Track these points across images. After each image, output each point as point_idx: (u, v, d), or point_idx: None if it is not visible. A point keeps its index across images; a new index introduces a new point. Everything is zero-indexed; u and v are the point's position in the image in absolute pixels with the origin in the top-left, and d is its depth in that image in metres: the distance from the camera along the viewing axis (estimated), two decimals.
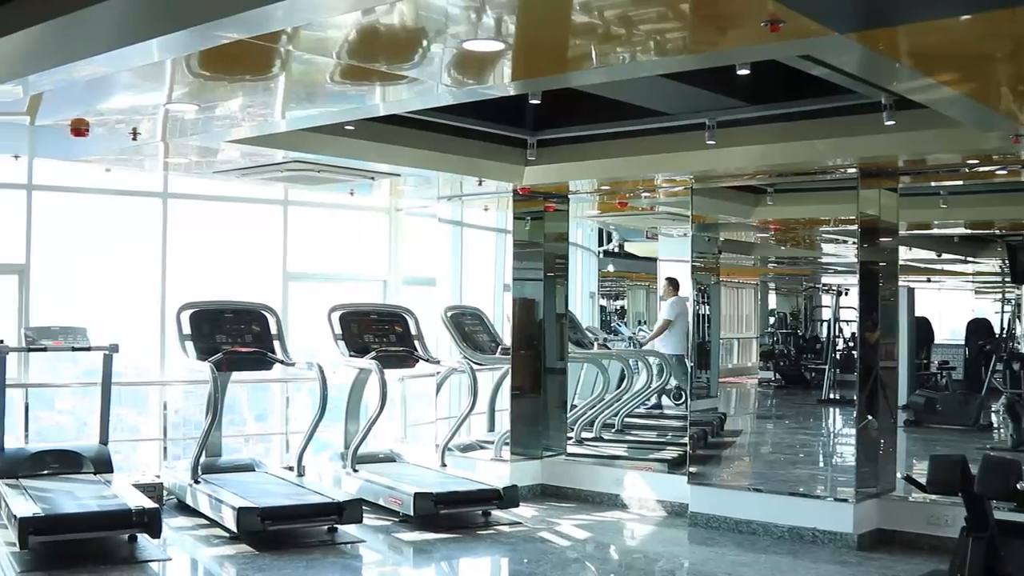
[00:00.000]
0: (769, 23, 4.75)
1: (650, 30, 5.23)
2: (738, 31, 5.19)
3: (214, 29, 5.09)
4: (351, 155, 9.15)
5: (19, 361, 10.09)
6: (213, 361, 9.25)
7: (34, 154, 9.99)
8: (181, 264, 11.24)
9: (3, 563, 7.80)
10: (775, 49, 5.62)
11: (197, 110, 7.26)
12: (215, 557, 8.26)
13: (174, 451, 10.70)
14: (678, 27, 5.25)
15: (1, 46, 6.12)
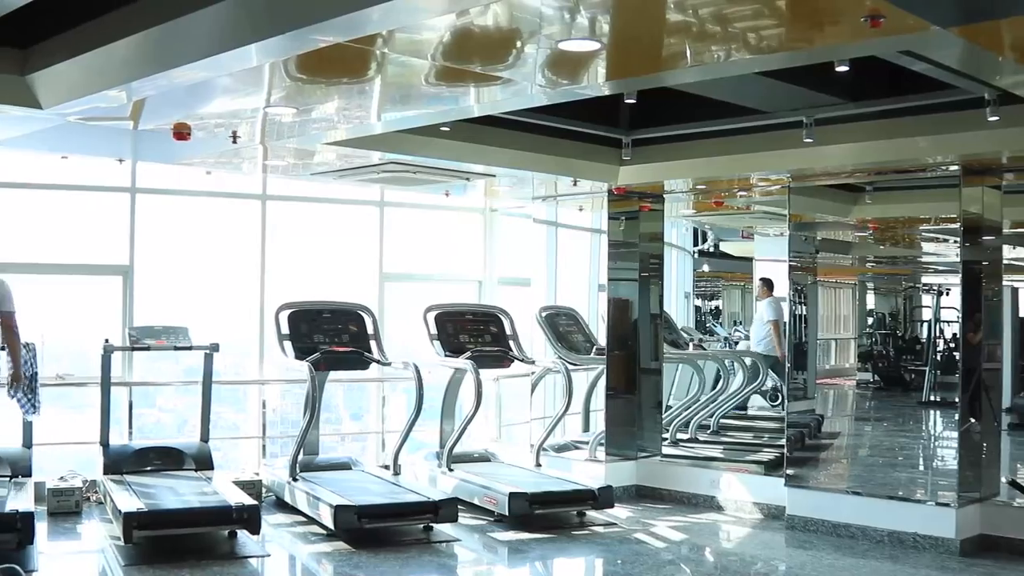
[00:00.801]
0: (869, 18, 4.66)
1: (745, 27, 5.17)
2: (837, 27, 5.10)
3: (311, 33, 5.15)
4: (446, 156, 9.19)
5: (123, 360, 10.33)
6: (311, 361, 9.37)
7: (137, 158, 10.22)
8: (279, 265, 11.39)
9: (108, 556, 8.00)
10: (875, 45, 5.52)
11: (295, 113, 7.36)
12: (313, 554, 8.37)
13: (272, 449, 10.85)
14: (774, 24, 5.17)
15: (106, 53, 6.28)
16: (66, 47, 6.61)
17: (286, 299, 9.99)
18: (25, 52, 6.94)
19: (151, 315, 10.32)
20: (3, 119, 7.89)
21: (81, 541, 8.74)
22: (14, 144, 9.12)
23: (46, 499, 9.16)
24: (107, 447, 9.48)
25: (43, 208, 10.63)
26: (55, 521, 9.00)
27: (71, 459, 10.05)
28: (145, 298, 10.69)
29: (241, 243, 11.32)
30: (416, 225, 12.59)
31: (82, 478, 9.55)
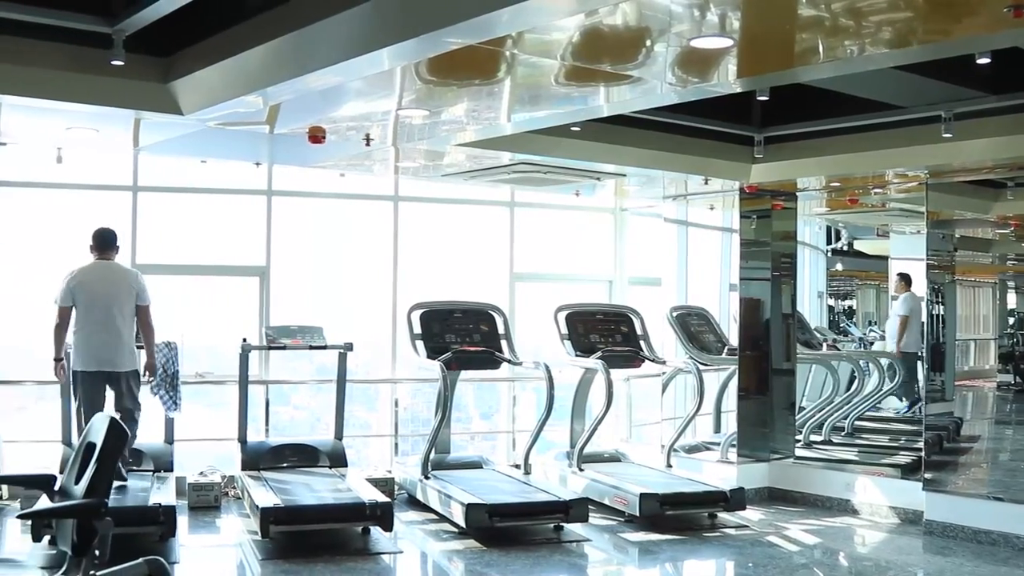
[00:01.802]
0: (1013, 8, 4.52)
1: (880, 21, 5.06)
2: (977, 18, 4.95)
3: (442, 36, 5.20)
4: (577, 156, 9.18)
5: (260, 359, 10.56)
6: (443, 360, 9.46)
7: (273, 161, 10.46)
8: (411, 265, 11.52)
9: (245, 550, 8.20)
10: (1018, 36, 5.35)
11: (426, 115, 7.43)
12: (444, 551, 8.44)
13: (403, 447, 10.98)
14: (911, 17, 5.05)
15: (243, 60, 6.44)
16: (205, 55, 6.80)
17: (418, 299, 10.10)
18: (167, 60, 7.15)
19: (287, 315, 10.54)
20: (146, 125, 8.16)
21: (220, 535, 8.97)
22: (156, 149, 9.44)
23: (187, 494, 9.43)
24: (245, 444, 9.71)
25: (184, 211, 10.94)
26: (195, 515, 9.26)
27: (210, 455, 10.32)
28: (281, 298, 10.93)
29: (374, 244, 11.48)
30: (546, 225, 12.61)
31: (221, 474, 9.81)
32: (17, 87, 6.94)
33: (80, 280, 8.46)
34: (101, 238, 8.64)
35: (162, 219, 10.66)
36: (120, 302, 8.49)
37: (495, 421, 12.66)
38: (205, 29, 6.74)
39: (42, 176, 10.23)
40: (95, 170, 10.39)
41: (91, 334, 8.40)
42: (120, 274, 8.65)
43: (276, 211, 10.96)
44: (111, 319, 8.43)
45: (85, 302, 8.42)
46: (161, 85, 7.21)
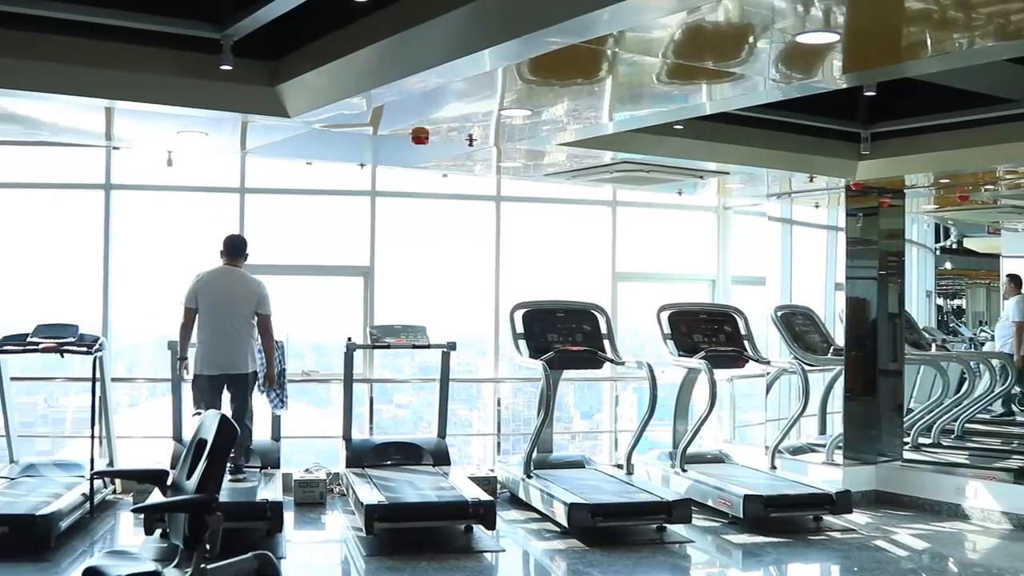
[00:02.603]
0: None
1: (991, 12, 4.94)
2: None
3: (543, 36, 5.21)
4: (680, 154, 9.12)
5: (364, 357, 10.68)
6: (545, 359, 9.48)
7: (377, 162, 10.58)
8: (514, 265, 11.55)
9: (350, 546, 8.32)
10: None
11: (528, 115, 7.46)
12: (546, 551, 8.46)
13: (504, 446, 11.02)
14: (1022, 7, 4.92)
15: (347, 63, 6.53)
16: (311, 58, 6.91)
17: (520, 299, 10.13)
18: (274, 64, 7.29)
19: (391, 314, 10.64)
20: (253, 128, 8.32)
21: (325, 531, 9.11)
22: (263, 152, 9.61)
23: (293, 490, 9.58)
24: (349, 441, 9.84)
25: (290, 212, 11.12)
26: (301, 511, 9.41)
27: (315, 452, 10.48)
28: (385, 298, 11.04)
29: (476, 244, 11.54)
30: (649, 224, 12.55)
31: (326, 471, 9.96)
32: (130, 93, 7.14)
33: (204, 283, 8.64)
34: (232, 244, 8.83)
35: (268, 220, 10.85)
36: (241, 308, 8.66)
37: (596, 420, 12.64)
38: (311, 33, 6.85)
39: (153, 179, 10.49)
40: (204, 173, 10.62)
41: (211, 338, 8.58)
42: (243, 281, 8.81)
43: (380, 212, 11.07)
44: (231, 324, 8.60)
45: (208, 306, 8.60)
46: (268, 88, 7.34)
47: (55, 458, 10.08)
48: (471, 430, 12.22)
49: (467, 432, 12.07)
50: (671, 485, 9.86)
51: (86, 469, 8.94)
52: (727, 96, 6.90)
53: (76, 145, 10.15)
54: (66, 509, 8.22)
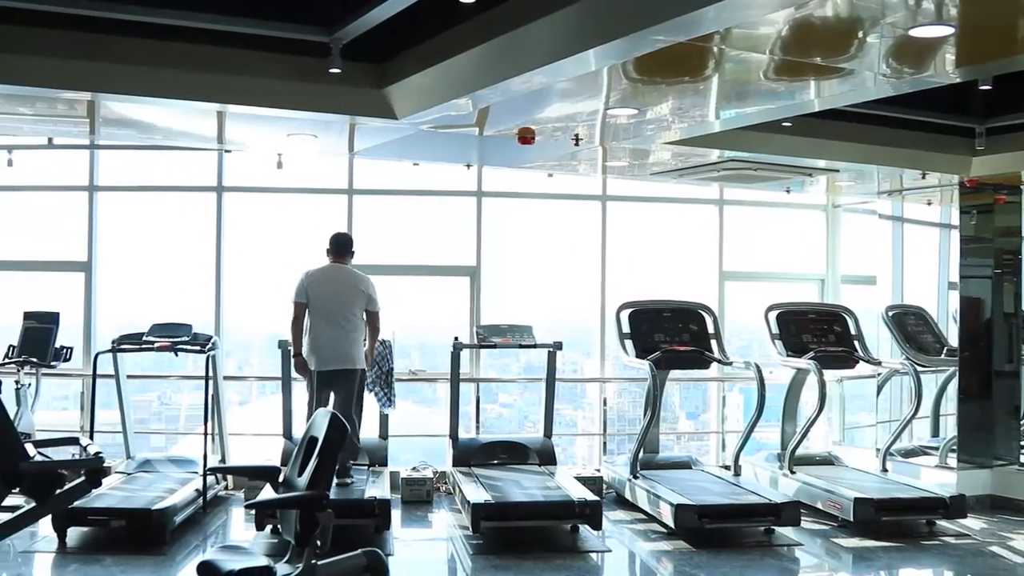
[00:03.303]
0: None
1: None
2: None
3: (649, 35, 5.19)
4: (788, 152, 9.00)
5: (471, 357, 10.74)
6: (652, 359, 9.43)
7: (483, 163, 10.63)
8: (620, 264, 11.52)
9: (456, 544, 8.38)
10: None
11: (633, 114, 7.43)
12: (653, 551, 8.42)
13: (609, 446, 10.99)
14: None
15: (453, 64, 6.58)
16: (418, 60, 6.98)
17: (626, 298, 10.10)
18: (382, 66, 7.37)
19: (497, 314, 10.69)
20: (361, 130, 8.43)
21: (431, 529, 9.19)
22: (370, 153, 9.73)
23: (400, 488, 9.68)
24: (456, 440, 9.91)
25: (397, 213, 11.23)
26: (408, 509, 9.51)
27: (422, 450, 10.57)
28: (491, 297, 11.09)
29: (582, 243, 11.53)
30: (756, 223, 12.41)
31: (432, 469, 10.03)
32: (241, 97, 7.28)
33: (314, 280, 8.76)
34: (338, 242, 8.94)
35: (376, 221, 10.97)
36: (350, 305, 8.75)
37: (702, 421, 12.55)
38: (418, 34, 6.91)
39: (264, 181, 10.69)
40: (313, 175, 10.78)
41: (320, 334, 8.69)
42: (352, 278, 8.91)
43: (486, 212, 11.13)
44: (340, 321, 8.69)
45: (317, 302, 8.71)
46: (376, 91, 7.43)
47: (169, 454, 10.35)
48: (576, 430, 12.21)
49: (572, 432, 12.06)
50: (779, 487, 9.74)
51: (199, 465, 9.14)
52: (836, 92, 6.80)
53: (189, 149, 10.38)
54: (180, 504, 8.42)
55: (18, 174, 10.62)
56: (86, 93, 7.44)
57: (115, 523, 8.06)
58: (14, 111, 8.31)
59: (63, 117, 8.67)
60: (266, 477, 5.72)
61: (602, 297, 11.38)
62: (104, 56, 6.84)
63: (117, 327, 10.00)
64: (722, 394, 11.66)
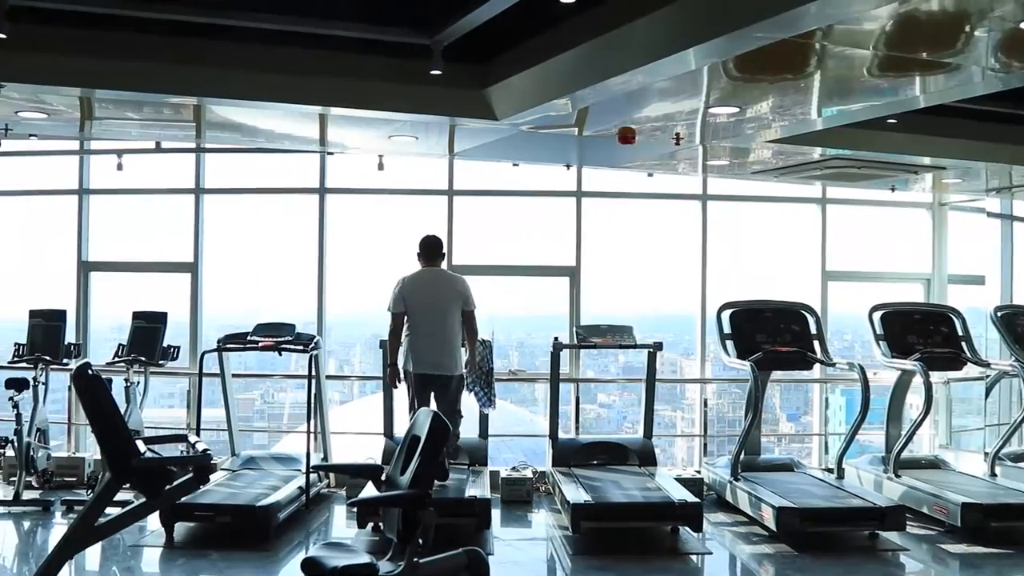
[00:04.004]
0: None
1: None
2: None
3: (749, 33, 5.15)
4: (893, 149, 8.85)
5: (570, 357, 10.74)
6: (753, 360, 9.34)
7: (583, 163, 10.62)
8: (720, 264, 11.43)
9: (556, 544, 8.39)
10: None
11: (733, 113, 7.37)
12: (754, 554, 8.33)
13: (710, 447, 10.90)
14: None
15: (553, 65, 6.60)
16: (518, 61, 7.01)
17: (727, 298, 10.01)
18: (482, 68, 7.41)
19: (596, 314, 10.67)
20: (461, 131, 8.49)
21: (531, 528, 9.19)
22: (471, 155, 9.78)
23: (500, 487, 9.70)
24: (556, 440, 9.90)
25: (497, 213, 11.28)
26: (507, 508, 9.53)
27: (521, 450, 10.59)
28: (591, 297, 11.07)
29: (682, 243, 11.46)
30: (859, 222, 12.22)
31: (532, 469, 10.04)
32: (344, 99, 7.39)
33: (409, 288, 8.82)
34: (427, 246, 8.99)
35: (476, 221, 11.02)
36: (448, 307, 8.80)
37: (802, 423, 12.39)
38: (518, 36, 6.94)
39: (365, 183, 10.81)
40: (413, 176, 10.88)
41: (421, 338, 8.75)
42: (447, 280, 8.97)
43: (586, 212, 11.11)
44: (439, 324, 8.75)
45: (415, 308, 8.77)
46: (477, 92, 7.47)
47: (273, 451, 10.50)
48: (674, 431, 12.15)
49: (671, 433, 12.00)
50: (884, 491, 9.56)
51: (303, 463, 9.26)
52: (942, 88, 6.66)
53: (292, 151, 10.55)
54: (284, 501, 8.55)
55: (127, 177, 10.89)
56: (192, 98, 7.62)
57: (221, 519, 8.20)
58: (123, 116, 8.55)
59: (170, 121, 8.89)
60: (368, 475, 5.78)
61: (702, 297, 11.30)
62: (209, 61, 7.00)
63: (221, 327, 10.21)
64: (824, 396, 11.50)
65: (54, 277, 11.33)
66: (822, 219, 11.87)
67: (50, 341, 9.86)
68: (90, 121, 8.88)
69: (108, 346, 10.21)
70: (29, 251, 11.85)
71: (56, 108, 8.23)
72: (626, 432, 11.14)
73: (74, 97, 7.82)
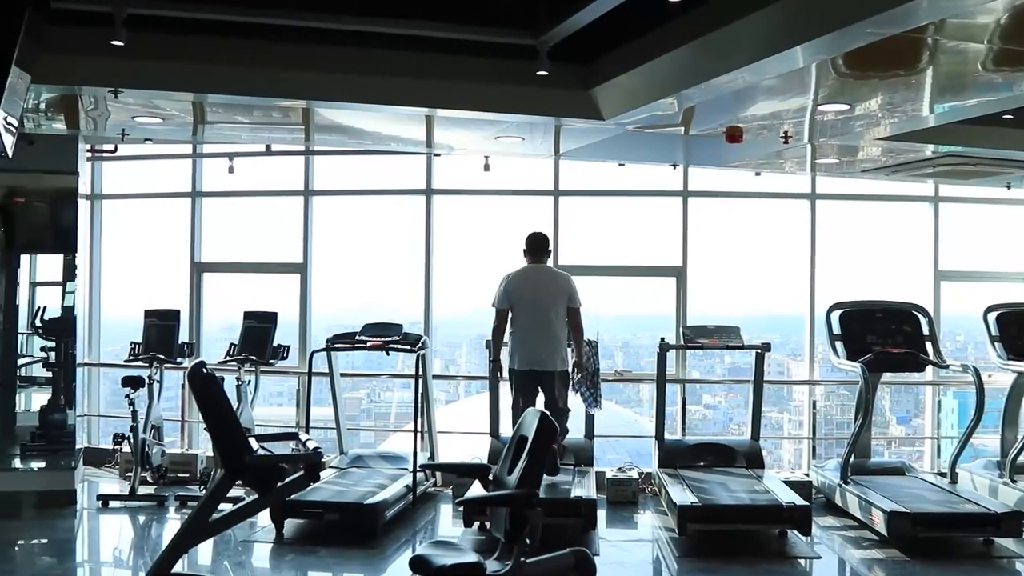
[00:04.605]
0: None
1: None
2: None
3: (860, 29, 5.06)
4: (1009, 146, 8.61)
5: (676, 358, 10.67)
6: (864, 362, 9.18)
7: (689, 162, 10.55)
8: (829, 263, 11.25)
9: (662, 546, 8.36)
10: None
11: (842, 110, 7.26)
12: (864, 559, 8.18)
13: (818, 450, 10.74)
14: None
15: (659, 64, 6.57)
16: (624, 60, 7.00)
17: (837, 299, 9.86)
18: (588, 68, 7.41)
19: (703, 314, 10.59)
20: (567, 131, 8.50)
21: (636, 530, 9.17)
22: (577, 155, 9.79)
23: (606, 488, 9.68)
24: (662, 441, 9.84)
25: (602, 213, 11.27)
26: (613, 509, 9.51)
27: (627, 451, 10.56)
28: (697, 297, 10.98)
29: (790, 242, 11.31)
30: (973, 220, 11.93)
31: (638, 470, 10.00)
32: (450, 101, 7.44)
33: (515, 284, 8.87)
34: (534, 243, 9.02)
35: (581, 221, 11.02)
36: (552, 305, 8.83)
37: (912, 426, 12.14)
38: (623, 35, 6.92)
39: (471, 183, 10.88)
40: (518, 176, 10.91)
41: (525, 336, 8.81)
42: (552, 277, 9.00)
43: (692, 212, 11.03)
44: (544, 321, 8.79)
45: (520, 305, 8.83)
46: (583, 92, 7.48)
47: (379, 450, 10.62)
48: (781, 433, 12.00)
49: (777, 435, 11.85)
50: (999, 496, 9.32)
51: (409, 462, 9.35)
52: None
53: (399, 153, 10.66)
54: (391, 499, 8.65)
55: (239, 180, 11.11)
56: (301, 101, 7.74)
57: (329, 516, 8.32)
58: (233, 120, 8.73)
59: (279, 124, 9.05)
60: (476, 475, 5.81)
61: (811, 297, 11.12)
62: (317, 65, 7.12)
63: (329, 327, 10.36)
64: (937, 398, 11.26)
65: (168, 278, 11.61)
66: (935, 217, 11.61)
67: (164, 340, 10.10)
68: (202, 125, 9.10)
69: (219, 345, 10.45)
70: (145, 253, 12.16)
71: (170, 113, 8.45)
72: (732, 434, 11.04)
73: (187, 102, 8.02)
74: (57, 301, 10.25)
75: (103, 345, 11.77)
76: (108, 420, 11.49)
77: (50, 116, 8.76)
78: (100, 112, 8.42)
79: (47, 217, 10.35)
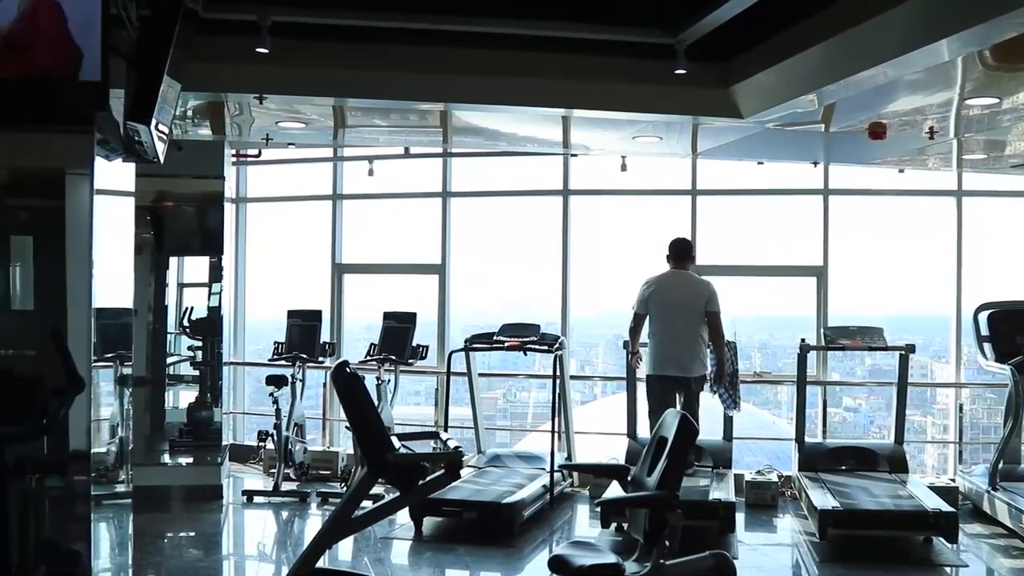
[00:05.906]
0: None
1: None
2: None
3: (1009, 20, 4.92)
4: None
5: (816, 359, 10.49)
6: (1014, 364, 8.90)
7: (830, 160, 10.36)
8: (977, 262, 10.93)
9: (802, 551, 8.23)
10: None
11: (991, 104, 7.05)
12: (1013, 569, 7.94)
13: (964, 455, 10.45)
14: None
15: (798, 61, 6.49)
16: (762, 58, 6.92)
17: (985, 299, 9.59)
18: (726, 66, 7.35)
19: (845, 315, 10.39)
20: (704, 130, 8.44)
21: (776, 533, 9.04)
22: (714, 154, 9.70)
23: (744, 491, 9.57)
24: (802, 444, 9.69)
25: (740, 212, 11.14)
26: (751, 512, 9.39)
27: (766, 453, 10.42)
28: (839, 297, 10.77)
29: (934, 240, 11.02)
30: None
31: (777, 473, 9.86)
32: (587, 101, 7.46)
33: (654, 289, 8.87)
34: (677, 248, 9.01)
35: (719, 221, 10.92)
36: (691, 311, 8.79)
37: None
38: (762, 33, 6.84)
39: (608, 183, 10.86)
40: (655, 176, 10.86)
41: (662, 340, 8.80)
42: (692, 284, 8.96)
43: (833, 210, 10.81)
44: (682, 326, 8.76)
45: (658, 310, 8.83)
46: (721, 90, 7.42)
47: (517, 450, 10.68)
48: (924, 436, 11.71)
49: (921, 439, 11.57)
50: None
51: (547, 462, 9.38)
52: None
53: (535, 154, 10.70)
54: (528, 499, 8.69)
55: (378, 182, 11.30)
56: (439, 104, 7.84)
57: (467, 515, 8.40)
58: (372, 123, 8.88)
59: (417, 127, 9.18)
60: (614, 475, 5.82)
61: (958, 298, 10.80)
62: (454, 68, 7.20)
63: (466, 327, 10.46)
64: None
65: (310, 279, 11.86)
66: None
67: (307, 340, 10.32)
68: (343, 129, 9.29)
69: (360, 345, 10.62)
70: (287, 254, 12.45)
71: (311, 117, 8.64)
72: (874, 437, 10.81)
73: (328, 107, 8.18)
74: (204, 302, 10.52)
75: (247, 344, 12.09)
76: (252, 417, 11.80)
77: (197, 122, 9.06)
78: (245, 118, 8.67)
79: (194, 220, 10.63)
